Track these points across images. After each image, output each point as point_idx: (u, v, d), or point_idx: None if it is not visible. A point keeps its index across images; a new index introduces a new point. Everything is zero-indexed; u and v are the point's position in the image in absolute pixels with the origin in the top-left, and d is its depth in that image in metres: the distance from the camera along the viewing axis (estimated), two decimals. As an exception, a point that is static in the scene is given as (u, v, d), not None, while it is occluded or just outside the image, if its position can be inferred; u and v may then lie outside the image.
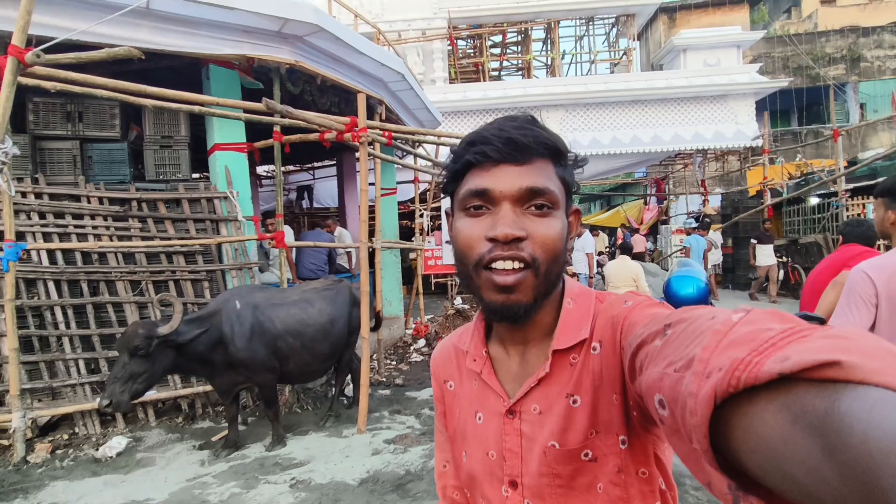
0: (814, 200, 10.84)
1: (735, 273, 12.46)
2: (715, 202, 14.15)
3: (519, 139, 0.69)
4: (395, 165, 8.13)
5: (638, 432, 0.70)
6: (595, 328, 0.73)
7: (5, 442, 3.97)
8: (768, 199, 11.48)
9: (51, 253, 4.54)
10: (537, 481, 0.73)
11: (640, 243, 11.70)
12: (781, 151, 13.35)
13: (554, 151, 0.72)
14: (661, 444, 0.73)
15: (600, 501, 0.71)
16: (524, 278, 0.68)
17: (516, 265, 0.68)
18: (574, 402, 0.71)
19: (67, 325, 4.50)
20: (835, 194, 9.56)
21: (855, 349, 0.33)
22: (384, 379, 5.84)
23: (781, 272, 10.51)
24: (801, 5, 19.44)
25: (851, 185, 9.96)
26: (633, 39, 14.74)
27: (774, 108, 15.08)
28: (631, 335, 0.62)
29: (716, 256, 10.30)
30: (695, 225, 12.20)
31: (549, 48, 16.11)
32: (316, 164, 12.00)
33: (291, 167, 12.17)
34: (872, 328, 1.83)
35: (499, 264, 0.68)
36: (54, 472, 3.74)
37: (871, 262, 1.91)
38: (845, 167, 9.85)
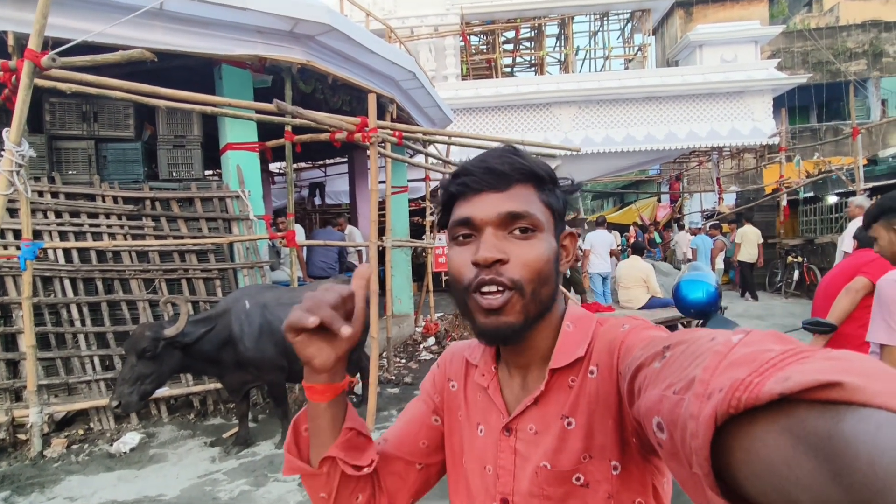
0: (831, 199, 10.65)
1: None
2: (730, 200, 13.98)
3: (496, 167, 0.72)
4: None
5: (636, 460, 0.70)
6: (593, 350, 0.74)
7: (23, 436, 4.07)
8: (784, 198, 11.31)
9: (67, 251, 4.62)
10: (528, 501, 0.74)
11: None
12: (799, 149, 13.11)
13: (533, 177, 0.74)
14: (661, 477, 0.73)
15: None
16: (510, 299, 0.69)
17: (500, 288, 0.70)
18: (568, 423, 0.72)
19: (83, 323, 4.58)
20: (853, 193, 9.38)
21: (856, 371, 0.33)
22: (393, 377, 5.87)
23: (797, 272, 10.36)
24: (822, -1, 19.05)
25: (870, 184, 9.76)
26: (649, 35, 14.55)
27: (793, 104, 14.83)
28: (628, 359, 0.62)
29: (719, 260, 10.16)
30: (699, 225, 12.04)
31: (562, 44, 15.99)
32: (328, 161, 12.05)
33: (304, 164, 12.23)
34: None
35: (485, 288, 0.70)
36: (70, 466, 3.83)
37: None
38: (864, 165, 9.66)
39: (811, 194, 11.58)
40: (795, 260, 10.47)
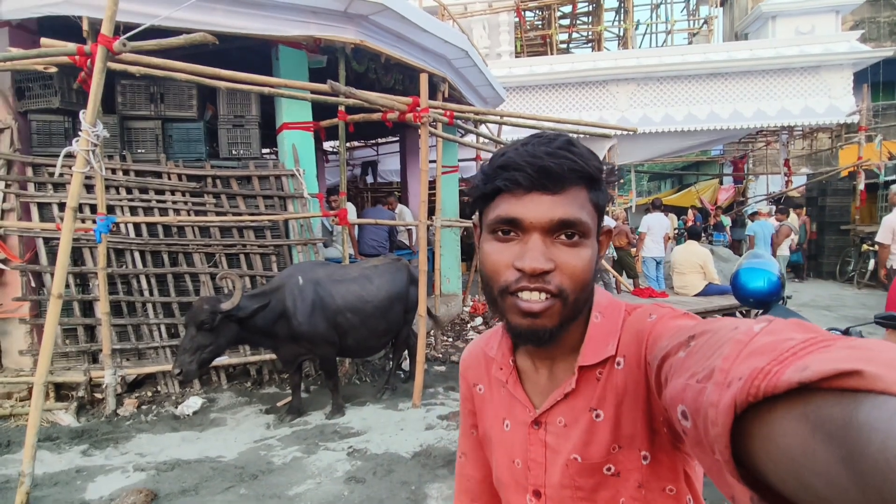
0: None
1: (818, 261, 11.58)
2: (798, 184, 13.10)
3: (552, 168, 0.67)
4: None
5: (666, 448, 0.70)
6: (620, 343, 0.73)
7: (99, 395, 4.42)
8: (861, 182, 10.51)
9: (136, 225, 4.92)
10: (559, 493, 0.75)
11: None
12: (882, 128, 12.04)
13: (589, 178, 0.70)
14: (692, 462, 0.73)
15: None
16: (551, 305, 0.68)
17: (543, 296, 0.68)
18: (597, 416, 0.72)
19: (151, 293, 4.90)
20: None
21: (877, 359, 0.33)
22: (440, 355, 5.96)
23: (872, 261, 9.65)
24: (916, -38, 17.21)
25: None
26: (716, 6, 13.70)
27: (877, 79, 13.60)
28: (656, 349, 0.62)
29: (784, 247, 9.50)
30: (752, 211, 11.41)
31: (621, 18, 15.31)
32: (380, 141, 12.18)
33: (357, 143, 12.40)
34: None
35: (525, 294, 0.68)
36: (140, 424, 4.14)
37: None
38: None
39: (893, 178, 10.68)
40: (871, 248, 9.74)
